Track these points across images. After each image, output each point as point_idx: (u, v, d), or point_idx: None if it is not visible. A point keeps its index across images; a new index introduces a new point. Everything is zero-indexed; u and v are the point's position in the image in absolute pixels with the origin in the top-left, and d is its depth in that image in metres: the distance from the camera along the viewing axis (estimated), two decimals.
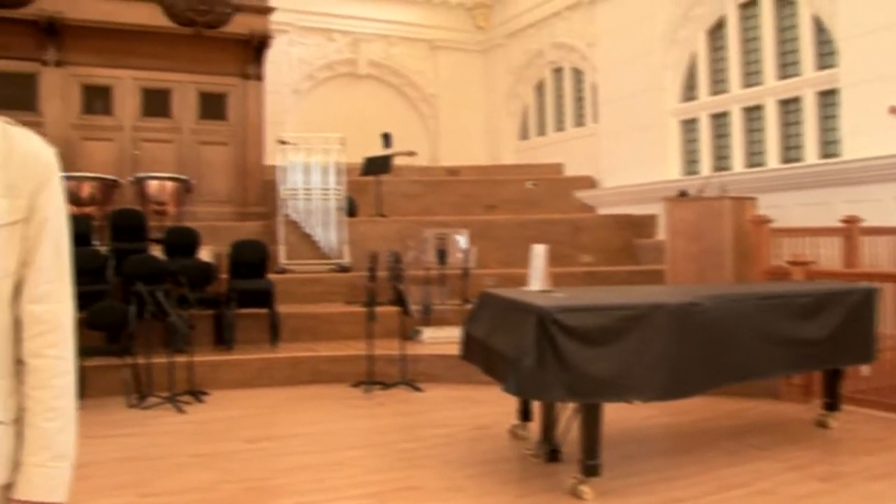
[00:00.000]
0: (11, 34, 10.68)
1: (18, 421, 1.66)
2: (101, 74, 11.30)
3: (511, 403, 5.88)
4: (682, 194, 8.89)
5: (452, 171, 14.55)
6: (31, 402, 1.65)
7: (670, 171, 11.95)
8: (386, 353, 7.85)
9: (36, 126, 10.65)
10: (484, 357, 5.24)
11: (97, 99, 11.36)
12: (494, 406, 6.59)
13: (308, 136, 11.43)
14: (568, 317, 4.47)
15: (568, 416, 5.24)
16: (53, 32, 10.86)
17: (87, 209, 9.94)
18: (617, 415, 5.94)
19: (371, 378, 7.66)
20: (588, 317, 4.54)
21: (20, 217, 1.63)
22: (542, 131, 15.79)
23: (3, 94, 10.78)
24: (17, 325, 1.67)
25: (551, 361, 4.41)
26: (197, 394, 7.28)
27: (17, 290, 1.66)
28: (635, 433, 6.05)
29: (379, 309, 7.76)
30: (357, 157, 11.84)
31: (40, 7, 10.73)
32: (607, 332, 4.54)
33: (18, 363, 1.67)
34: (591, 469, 4.57)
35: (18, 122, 1.69)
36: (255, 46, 11.82)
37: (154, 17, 11.29)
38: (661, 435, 6.12)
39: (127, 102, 11.45)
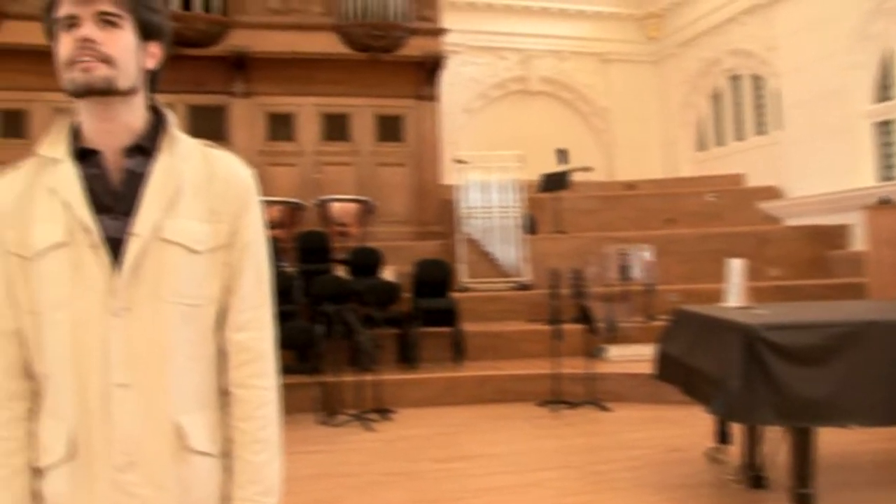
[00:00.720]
0: (205, 70, 11.29)
1: (226, 454, 1.63)
2: (284, 103, 11.74)
3: (705, 425, 5.59)
4: (885, 202, 8.27)
5: (629, 186, 14.25)
6: (237, 434, 1.62)
7: (863, 177, 11.18)
8: (571, 371, 7.67)
9: None
10: (682, 377, 4.98)
11: (281, 126, 11.81)
12: (687, 427, 6.30)
13: (485, 154, 11.44)
14: (776, 335, 4.18)
15: (774, 439, 4.90)
16: (241, 66, 11.38)
17: (275, 232, 10.28)
18: (823, 438, 5.53)
19: (557, 397, 7.51)
20: (798, 335, 4.22)
21: (222, 242, 1.60)
22: (720, 141, 15.20)
23: (199, 126, 11.36)
24: (220, 355, 1.63)
25: (759, 382, 4.12)
26: (384, 411, 7.33)
27: (221, 318, 1.62)
28: (846, 459, 5.61)
29: (563, 327, 7.61)
30: (532, 174, 11.74)
31: (229, 44, 11.28)
32: (819, 351, 4.20)
33: (223, 394, 1.64)
34: (803, 498, 4.24)
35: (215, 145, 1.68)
36: (430, 68, 11.96)
37: (332, 45, 11.65)
38: (876, 463, 5.66)
39: (308, 128, 11.84)
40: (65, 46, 1.50)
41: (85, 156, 1.56)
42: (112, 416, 1.50)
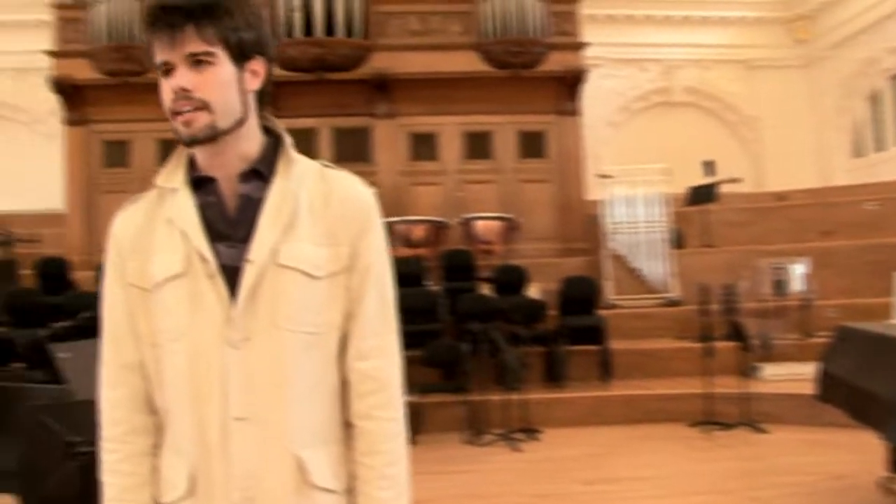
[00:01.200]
0: (348, 93, 11.57)
1: (350, 491, 1.56)
2: (426, 122, 11.87)
3: (875, 451, 5.23)
4: None
5: (780, 196, 13.68)
6: (362, 469, 1.55)
7: None
8: (724, 390, 7.37)
9: (370, 175, 11.42)
10: (849, 399, 4.71)
11: (423, 145, 11.95)
12: (853, 453, 5.93)
13: (629, 168, 11.23)
14: None
15: None
16: (383, 88, 11.59)
17: (419, 251, 10.40)
18: None
19: (709, 418, 7.24)
20: None
21: (342, 266, 1.53)
22: (880, 146, 14.44)
23: (343, 148, 11.67)
24: (344, 385, 1.57)
25: None
26: (530, 431, 7.25)
27: (343, 347, 1.56)
28: None
29: (715, 344, 7.34)
30: (678, 187, 11.44)
31: (371, 66, 11.52)
32: None
33: (347, 427, 1.57)
34: None
35: (336, 165, 1.63)
36: (571, 83, 11.85)
37: (472, 64, 11.71)
38: None
39: (450, 147, 11.92)
40: (165, 94, 1.48)
41: (202, 184, 1.54)
42: (231, 450, 1.47)
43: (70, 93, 11.45)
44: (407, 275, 9.56)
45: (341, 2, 11.25)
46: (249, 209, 1.51)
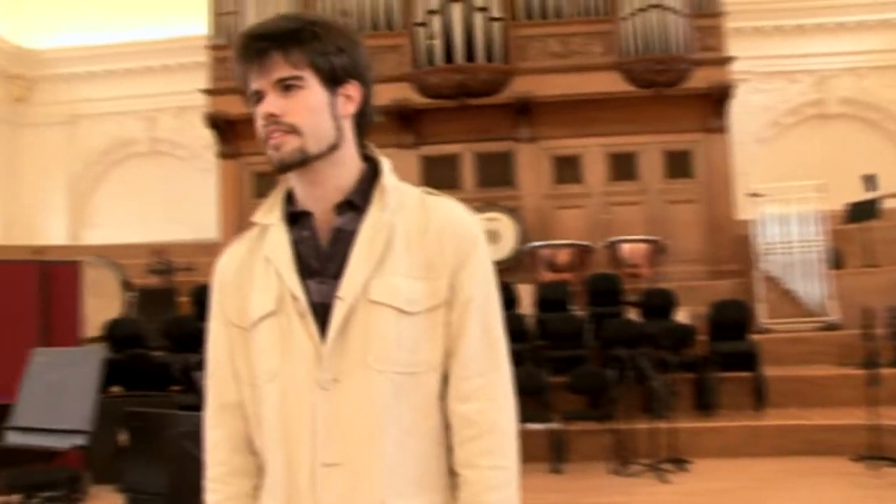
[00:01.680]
0: (490, 118, 11.63)
1: None
2: (569, 145, 11.78)
3: None
4: None
5: None
6: None
7: None
8: (892, 423, 6.92)
9: (514, 199, 11.46)
10: None
11: (567, 168, 11.86)
12: None
13: (781, 185, 10.78)
14: None
15: None
16: (525, 112, 11.59)
17: (564, 275, 10.30)
18: None
19: (876, 452, 6.78)
20: None
21: (440, 300, 1.45)
22: None
23: (486, 173, 11.74)
24: (447, 429, 1.48)
25: None
26: (680, 462, 7.02)
27: (445, 387, 1.47)
28: None
29: (881, 371, 6.92)
30: (836, 204, 10.89)
31: (512, 90, 11.55)
32: None
33: (452, 474, 1.48)
34: None
35: (444, 195, 1.56)
36: (717, 99, 11.52)
37: (614, 84, 11.56)
38: None
39: (594, 169, 11.78)
40: (258, 122, 1.48)
41: (298, 218, 1.51)
42: (319, 497, 1.41)
43: (223, 128, 12.02)
44: (552, 300, 9.52)
45: (481, 27, 11.36)
46: (342, 243, 1.47)
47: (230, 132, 12.10)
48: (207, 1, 12.42)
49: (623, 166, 11.75)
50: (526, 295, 9.62)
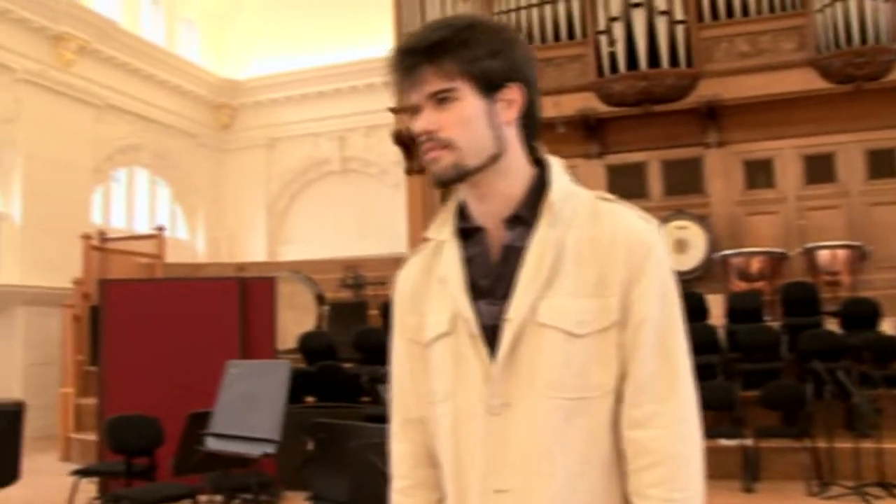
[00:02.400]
0: (676, 124, 11.31)
1: None
2: (760, 148, 11.26)
3: None
4: None
5: None
6: None
7: None
8: None
9: (703, 206, 11.09)
10: None
11: (759, 173, 11.34)
12: None
13: None
14: None
15: None
16: (713, 116, 11.19)
17: (757, 284, 9.86)
18: None
19: None
20: None
21: (612, 321, 1.37)
22: None
23: (673, 181, 11.43)
24: (621, 456, 1.40)
25: None
26: (887, 486, 6.53)
27: (619, 413, 1.39)
28: None
29: None
30: None
31: (699, 94, 11.17)
32: None
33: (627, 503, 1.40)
34: None
35: (614, 198, 1.46)
36: None
37: (808, 81, 10.95)
38: None
39: (788, 172, 11.20)
40: (416, 137, 1.45)
41: (470, 233, 1.47)
42: None
43: (410, 144, 12.31)
44: (744, 310, 9.12)
45: (664, 32, 11.07)
46: (511, 261, 1.41)
47: (417, 148, 12.35)
48: (392, 22, 12.79)
49: (819, 168, 11.06)
50: (716, 305, 9.26)
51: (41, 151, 13.58)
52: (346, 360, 9.42)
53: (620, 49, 11.19)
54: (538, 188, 1.45)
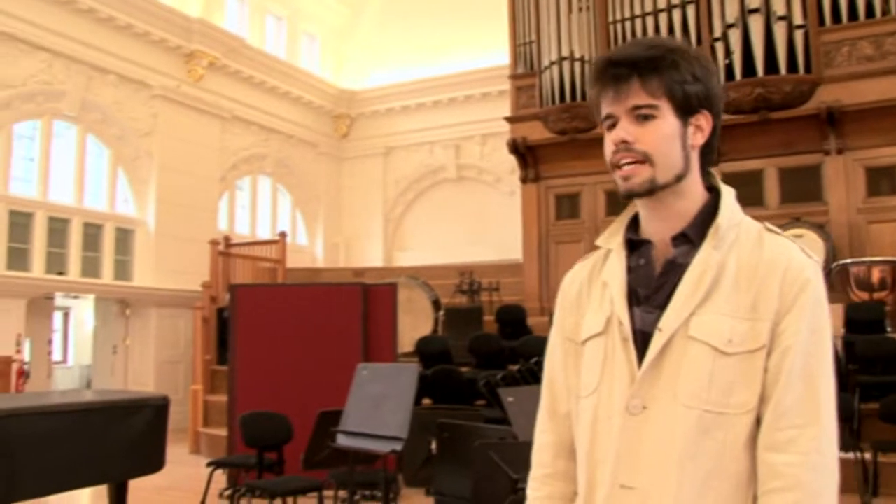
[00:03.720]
0: (794, 131, 11.11)
1: None
2: (883, 154, 10.95)
3: None
4: None
5: None
6: None
7: None
8: None
9: (821, 215, 10.86)
10: None
11: (882, 179, 11.03)
12: None
13: None
14: None
15: None
16: (832, 122, 10.94)
17: (879, 294, 9.62)
18: None
19: None
20: None
21: (760, 344, 1.41)
22: None
23: (790, 188, 11.24)
24: (754, 477, 1.42)
25: None
26: None
27: (757, 432, 1.43)
28: None
29: None
30: None
31: (819, 100, 10.95)
32: None
33: None
34: None
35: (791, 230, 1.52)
36: None
37: None
38: None
39: None
40: (607, 147, 1.51)
41: (637, 245, 1.55)
42: None
43: (525, 153, 12.48)
44: (864, 321, 8.93)
45: (782, 37, 10.89)
46: (672, 275, 1.48)
47: (531, 157, 12.54)
48: (508, 32, 12.98)
49: None
50: (835, 316, 9.09)
51: (173, 162, 14.38)
52: (462, 364, 9.62)
53: (737, 55, 11.08)
54: (709, 212, 1.51)
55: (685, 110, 1.49)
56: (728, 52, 11.17)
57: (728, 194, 1.53)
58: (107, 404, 5.40)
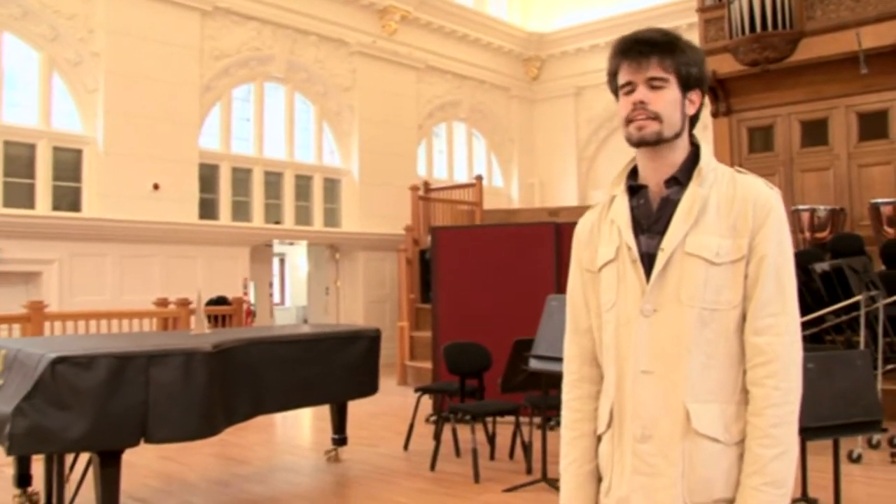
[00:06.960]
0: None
1: (741, 444, 1.81)
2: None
3: None
4: None
5: None
6: (748, 427, 1.80)
7: None
8: None
9: None
10: None
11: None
12: None
13: None
14: None
15: None
16: None
17: None
18: None
19: None
20: None
21: (741, 255, 1.81)
22: None
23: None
24: (743, 355, 1.84)
25: None
26: None
27: (744, 322, 1.83)
28: None
29: None
30: None
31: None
32: None
33: (744, 391, 1.83)
34: None
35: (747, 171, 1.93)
36: None
37: None
38: None
39: None
40: (623, 107, 1.91)
41: (637, 190, 1.95)
42: (637, 396, 1.85)
43: (716, 86, 12.33)
44: None
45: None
46: (667, 208, 1.88)
47: (722, 90, 12.40)
48: None
49: None
50: None
51: (373, 114, 15.23)
52: None
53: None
54: (692, 160, 1.92)
55: (685, 86, 1.90)
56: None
57: (706, 148, 1.95)
58: (330, 334, 6.16)
